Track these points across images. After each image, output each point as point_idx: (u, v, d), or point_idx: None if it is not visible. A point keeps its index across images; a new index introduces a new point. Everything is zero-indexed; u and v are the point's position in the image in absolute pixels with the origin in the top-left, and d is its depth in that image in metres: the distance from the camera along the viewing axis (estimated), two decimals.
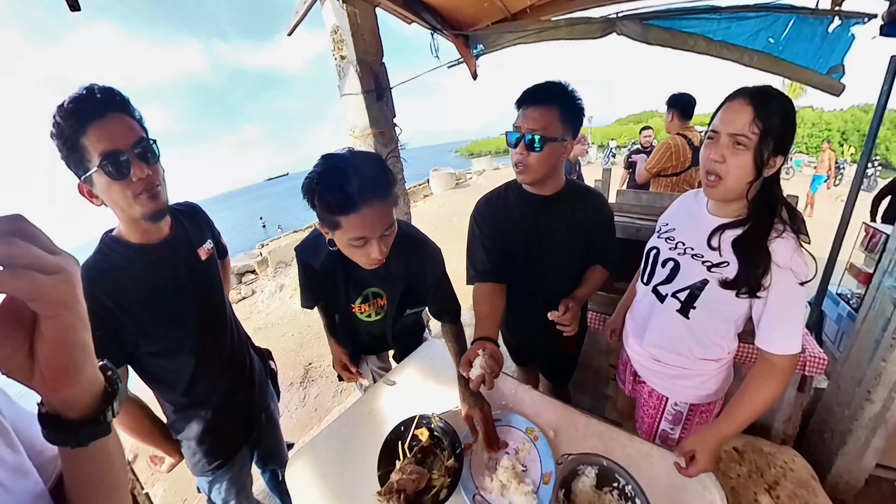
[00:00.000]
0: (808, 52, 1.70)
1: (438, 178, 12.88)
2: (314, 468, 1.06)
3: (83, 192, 0.91)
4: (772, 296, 0.89)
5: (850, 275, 2.68)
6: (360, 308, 1.29)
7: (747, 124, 0.87)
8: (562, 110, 1.13)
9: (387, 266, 1.11)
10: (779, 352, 0.90)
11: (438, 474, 0.90)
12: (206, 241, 1.19)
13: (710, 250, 0.99)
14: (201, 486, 1.28)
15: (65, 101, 0.85)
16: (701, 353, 1.07)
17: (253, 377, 1.33)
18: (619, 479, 0.84)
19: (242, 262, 7.34)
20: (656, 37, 1.91)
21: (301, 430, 2.72)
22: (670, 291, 1.06)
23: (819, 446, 1.73)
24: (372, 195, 0.89)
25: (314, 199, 0.92)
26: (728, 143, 0.90)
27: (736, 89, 0.93)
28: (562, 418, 1.09)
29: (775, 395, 0.94)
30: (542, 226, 1.31)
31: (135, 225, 0.98)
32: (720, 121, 0.92)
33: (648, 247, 1.20)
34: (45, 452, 0.48)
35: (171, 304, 1.05)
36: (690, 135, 2.76)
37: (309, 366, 3.52)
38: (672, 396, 1.16)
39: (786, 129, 0.87)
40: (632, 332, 1.26)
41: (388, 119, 2.40)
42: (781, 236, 0.89)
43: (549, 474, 0.90)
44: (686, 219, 1.13)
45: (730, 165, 0.90)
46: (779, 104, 0.87)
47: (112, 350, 0.98)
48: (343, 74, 2.28)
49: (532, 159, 1.15)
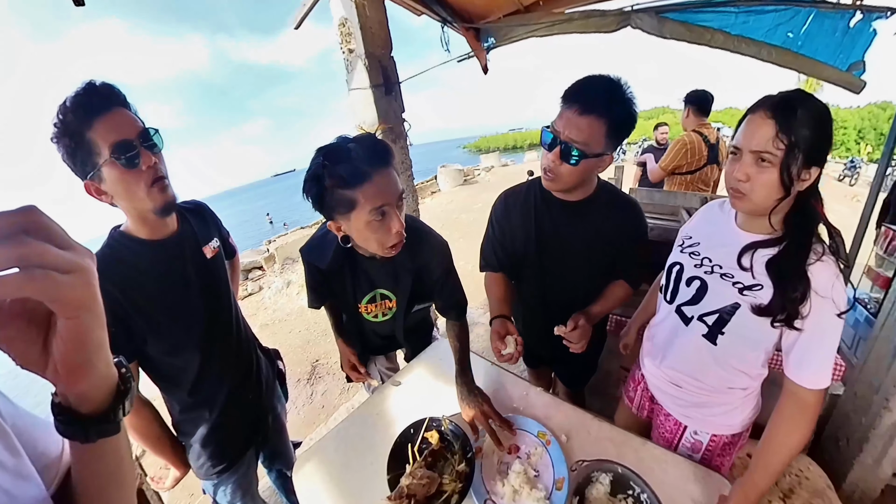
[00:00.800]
0: (829, 48, 1.66)
1: (446, 174, 12.83)
2: (322, 470, 1.06)
3: (91, 191, 0.91)
4: (808, 325, 0.81)
5: (869, 278, 2.63)
6: (367, 308, 1.28)
7: (770, 140, 0.80)
8: (611, 123, 1.01)
9: (394, 261, 1.12)
10: (810, 385, 0.83)
11: (449, 479, 0.90)
12: (213, 239, 1.19)
13: (741, 270, 0.90)
14: (206, 488, 1.28)
15: (67, 100, 0.85)
16: (727, 381, 0.99)
17: (260, 378, 1.33)
18: (635, 487, 0.83)
19: (249, 258, 7.40)
20: (672, 30, 1.87)
21: (308, 428, 2.73)
22: (697, 314, 0.98)
23: (834, 454, 1.70)
24: (380, 161, 0.93)
25: (323, 188, 0.93)
26: (751, 161, 0.83)
27: (759, 99, 0.86)
28: (574, 422, 1.08)
29: (807, 436, 0.86)
30: (561, 233, 1.24)
31: (142, 220, 0.99)
32: (742, 136, 0.85)
33: (670, 262, 1.11)
34: (48, 455, 0.47)
35: (178, 301, 1.05)
36: (706, 132, 2.72)
37: (316, 363, 3.53)
38: (691, 425, 1.07)
39: (818, 138, 0.79)
40: (649, 353, 1.19)
41: (396, 114, 2.37)
42: (821, 259, 0.81)
43: (562, 480, 0.89)
44: (712, 233, 1.04)
45: (755, 184, 0.83)
46: (807, 112, 0.78)
47: (122, 345, 0.98)
48: (351, 68, 2.25)
49: (564, 170, 1.06)
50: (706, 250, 1.02)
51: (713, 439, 1.05)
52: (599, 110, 0.99)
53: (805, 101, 0.80)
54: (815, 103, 0.80)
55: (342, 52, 2.26)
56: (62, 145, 0.86)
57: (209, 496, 1.31)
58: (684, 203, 2.40)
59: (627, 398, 1.34)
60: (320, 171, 0.92)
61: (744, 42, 1.77)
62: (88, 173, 0.88)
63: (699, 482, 0.90)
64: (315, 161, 0.94)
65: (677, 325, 1.04)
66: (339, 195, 0.92)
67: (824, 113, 0.80)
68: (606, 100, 1.01)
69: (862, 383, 1.60)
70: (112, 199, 0.93)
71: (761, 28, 1.74)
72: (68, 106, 0.85)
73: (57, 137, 0.86)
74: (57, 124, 0.85)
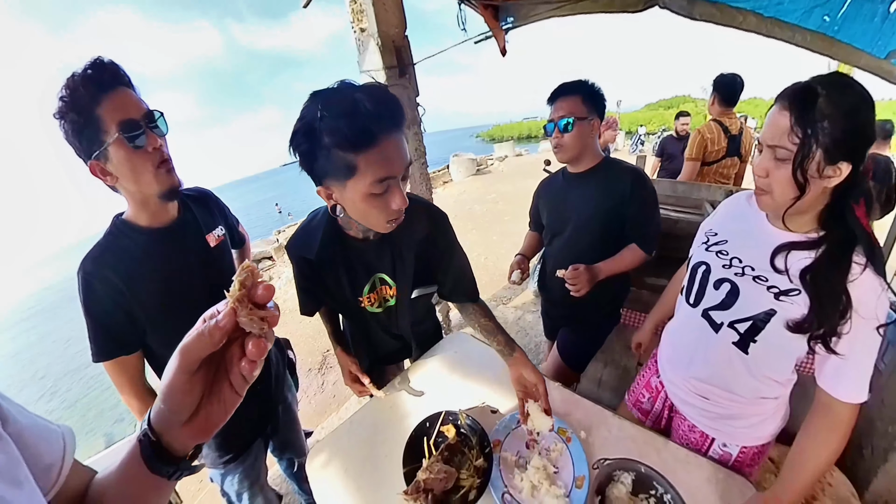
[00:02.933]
0: (867, 34, 1.60)
1: (459, 163, 12.74)
2: (336, 462, 1.07)
3: (96, 171, 0.91)
4: (847, 341, 0.76)
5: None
6: (370, 298, 1.15)
7: (785, 133, 0.75)
8: (584, 97, 1.40)
9: (391, 239, 1.04)
10: (846, 399, 0.79)
11: (467, 474, 0.90)
12: (217, 227, 1.19)
13: (776, 273, 0.84)
14: (214, 477, 1.30)
15: (74, 74, 0.84)
16: (758, 391, 0.95)
17: (269, 369, 1.34)
18: (658, 487, 0.82)
19: (259, 248, 7.48)
20: (702, 11, 1.82)
21: (320, 417, 2.77)
22: (727, 320, 0.93)
23: (858, 462, 1.67)
24: (391, 122, 0.78)
25: (316, 145, 0.77)
26: (769, 156, 0.80)
27: (785, 87, 0.81)
28: (593, 419, 1.07)
29: (838, 451, 0.81)
30: (572, 198, 1.55)
31: (144, 205, 0.99)
32: (764, 128, 0.82)
33: (695, 261, 1.05)
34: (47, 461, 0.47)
35: (179, 290, 1.05)
36: (728, 122, 2.60)
37: (327, 352, 3.56)
38: (720, 437, 1.02)
39: (845, 131, 0.71)
40: (670, 360, 1.14)
41: (410, 98, 2.32)
42: (864, 272, 0.75)
43: (583, 478, 0.89)
44: (741, 230, 0.98)
45: (772, 180, 0.80)
46: (831, 101, 0.71)
47: (127, 333, 0.99)
48: (363, 49, 2.19)
49: (566, 140, 1.42)
50: (735, 249, 0.96)
51: (743, 451, 1.01)
52: (572, 91, 1.42)
53: (832, 89, 0.73)
54: (845, 91, 0.73)
55: (353, 31, 2.19)
56: (68, 121, 0.86)
57: (217, 485, 1.33)
58: (708, 196, 2.36)
59: (637, 409, 1.28)
60: (315, 124, 0.76)
61: (777, 25, 1.72)
62: (94, 152, 0.88)
63: (723, 484, 0.89)
64: (309, 109, 0.77)
65: (704, 331, 0.98)
66: (335, 157, 0.77)
67: (857, 101, 0.72)
68: (574, 85, 1.42)
69: (890, 390, 1.56)
70: (117, 181, 0.93)
71: (796, 10, 1.68)
72: (77, 80, 0.84)
73: (63, 113, 0.85)
74: (64, 98, 0.84)
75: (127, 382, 1.03)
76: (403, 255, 1.09)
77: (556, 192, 1.64)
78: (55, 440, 0.48)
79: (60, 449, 0.48)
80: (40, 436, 0.46)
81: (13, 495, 0.40)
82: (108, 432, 5.32)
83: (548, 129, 1.46)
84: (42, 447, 0.46)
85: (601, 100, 1.44)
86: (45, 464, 0.46)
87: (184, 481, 2.45)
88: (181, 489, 2.20)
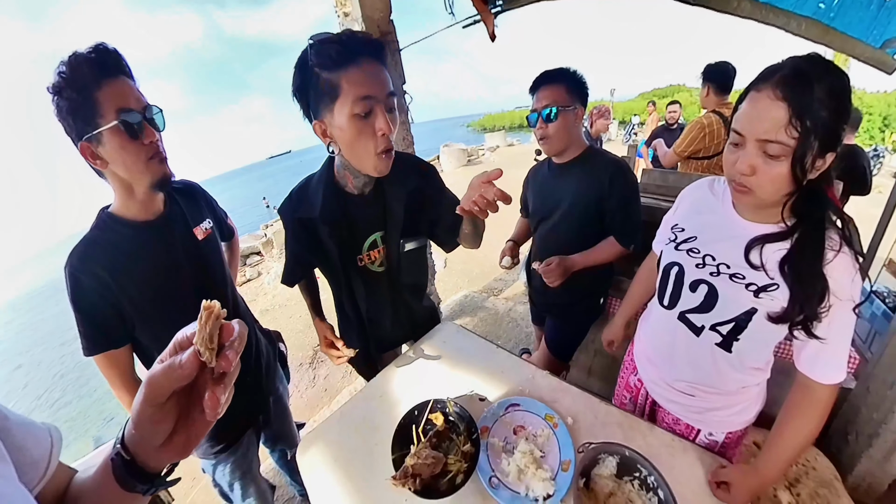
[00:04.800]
0: (863, 22, 1.62)
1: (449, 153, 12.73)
2: (326, 451, 1.08)
3: (86, 153, 0.90)
4: (825, 324, 0.77)
5: (889, 272, 2.64)
6: (370, 256, 1.21)
7: (781, 127, 0.69)
8: (567, 85, 1.42)
9: (384, 196, 1.16)
10: (824, 381, 0.81)
11: (454, 459, 0.92)
12: (205, 220, 1.20)
13: (752, 269, 0.83)
14: (205, 467, 1.32)
15: (77, 53, 0.84)
16: (743, 382, 0.97)
17: (259, 361, 1.35)
18: (641, 470, 0.85)
19: (247, 243, 7.44)
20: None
21: (311, 410, 2.82)
22: (708, 324, 0.93)
23: (842, 447, 1.73)
24: (371, 49, 0.92)
25: (308, 74, 0.91)
26: (756, 151, 0.74)
27: (764, 70, 0.75)
28: (580, 405, 1.10)
29: (818, 429, 0.84)
30: (557, 188, 1.59)
31: (131, 196, 1.00)
32: (746, 117, 0.75)
33: (666, 261, 1.03)
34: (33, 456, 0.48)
35: (167, 283, 1.06)
36: (727, 112, 2.60)
37: (318, 346, 3.59)
38: (706, 428, 1.05)
39: (837, 119, 0.69)
40: (651, 361, 1.14)
41: (396, 85, 2.29)
42: (838, 255, 0.75)
43: (569, 462, 0.91)
44: (708, 223, 0.96)
45: (761, 178, 0.75)
46: (826, 85, 0.67)
47: (115, 327, 1.00)
48: None
49: (551, 129, 1.44)
50: (705, 246, 0.94)
51: (728, 436, 1.04)
52: (555, 80, 1.43)
53: (822, 72, 0.69)
54: (834, 73, 0.69)
55: (337, 15, 2.16)
56: (65, 97, 0.85)
57: (208, 475, 1.35)
58: None
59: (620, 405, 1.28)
60: (305, 53, 0.90)
61: (772, 11, 1.73)
62: (87, 134, 0.87)
63: (707, 466, 0.93)
64: (304, 50, 0.92)
65: (684, 334, 0.99)
66: (322, 82, 0.90)
67: (843, 84, 0.69)
68: (557, 74, 1.43)
69: (876, 378, 1.61)
70: (107, 166, 0.93)
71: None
72: (80, 59, 0.84)
73: (59, 88, 0.84)
74: (64, 73, 0.84)
75: (117, 377, 1.05)
76: (394, 207, 1.17)
77: (543, 181, 1.68)
78: (42, 437, 0.49)
79: (48, 445, 0.50)
80: (28, 432, 0.48)
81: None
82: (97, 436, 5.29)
83: (531, 119, 1.48)
84: (29, 442, 0.47)
85: (584, 88, 1.45)
86: (33, 458, 0.47)
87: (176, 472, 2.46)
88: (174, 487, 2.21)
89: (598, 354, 2.09)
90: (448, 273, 4.71)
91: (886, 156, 11.73)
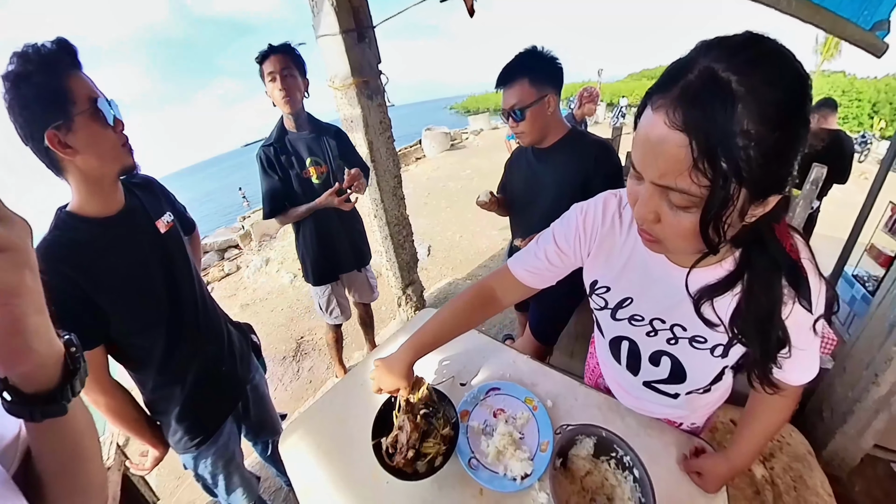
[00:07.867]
0: (853, 3, 1.61)
1: (432, 138, 12.62)
2: (308, 440, 1.11)
3: (53, 142, 0.89)
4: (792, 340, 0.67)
5: (870, 256, 2.75)
6: (312, 171, 1.96)
7: (682, 171, 0.49)
8: (531, 78, 1.40)
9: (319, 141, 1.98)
10: (796, 384, 0.78)
11: (433, 442, 0.95)
12: (165, 213, 1.21)
13: (710, 329, 0.72)
14: (186, 462, 1.34)
15: (43, 42, 0.85)
16: (724, 384, 0.94)
17: (233, 350, 1.38)
18: (618, 450, 0.89)
19: (224, 237, 7.28)
20: None
21: (296, 402, 2.87)
22: (683, 391, 0.92)
23: (817, 424, 1.84)
24: (276, 51, 1.75)
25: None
26: (656, 196, 0.55)
27: (670, 66, 0.52)
28: (560, 388, 1.14)
29: (788, 418, 0.86)
30: (536, 173, 1.64)
31: (95, 190, 1.01)
32: (639, 148, 0.55)
33: (610, 335, 0.95)
34: (5, 437, 0.48)
35: (136, 278, 1.08)
36: None
37: (301, 339, 3.65)
38: (686, 421, 1.05)
39: (780, 144, 0.47)
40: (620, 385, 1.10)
41: (371, 65, 2.27)
42: (795, 306, 0.64)
43: (547, 443, 0.95)
44: (638, 279, 0.82)
45: (667, 231, 0.58)
46: (754, 94, 0.44)
47: (86, 327, 1.00)
48: (317, 10, 2.11)
49: (523, 127, 1.48)
50: (646, 308, 0.82)
51: (708, 419, 1.07)
52: (515, 75, 1.41)
53: (748, 69, 0.45)
54: (769, 68, 0.46)
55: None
56: (31, 83, 0.84)
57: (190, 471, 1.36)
58: None
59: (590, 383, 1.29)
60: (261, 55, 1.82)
61: None
62: (55, 122, 0.87)
63: (682, 446, 0.97)
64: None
65: (657, 396, 0.98)
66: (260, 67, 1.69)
67: (793, 86, 0.46)
68: (516, 69, 1.41)
69: (852, 359, 1.70)
70: (75, 155, 0.92)
71: None
72: (49, 48, 0.85)
73: (24, 75, 0.83)
74: (30, 57, 0.83)
75: (91, 380, 1.05)
76: (327, 149, 1.99)
77: (526, 167, 1.70)
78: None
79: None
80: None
81: None
82: None
83: (503, 119, 1.53)
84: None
85: (553, 69, 1.43)
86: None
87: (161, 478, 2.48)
88: (158, 486, 2.22)
89: (581, 337, 2.15)
90: (432, 261, 4.74)
91: (874, 142, 12.08)
